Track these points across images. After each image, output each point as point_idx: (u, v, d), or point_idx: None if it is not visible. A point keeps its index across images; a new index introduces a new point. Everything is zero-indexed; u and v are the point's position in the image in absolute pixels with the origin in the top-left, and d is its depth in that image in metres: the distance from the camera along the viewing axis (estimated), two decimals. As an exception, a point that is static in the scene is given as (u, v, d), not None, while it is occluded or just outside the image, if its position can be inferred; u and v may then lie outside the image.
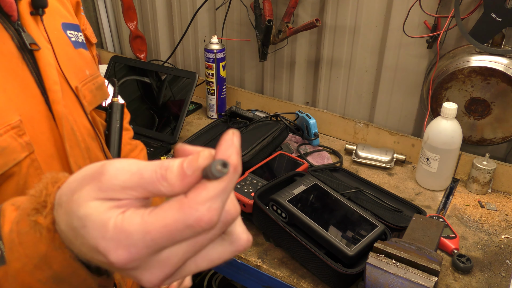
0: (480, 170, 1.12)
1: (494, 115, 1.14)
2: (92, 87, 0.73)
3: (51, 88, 0.61)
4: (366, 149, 1.28)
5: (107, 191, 0.31)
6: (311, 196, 0.96)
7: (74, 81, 0.68)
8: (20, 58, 0.59)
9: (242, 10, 1.51)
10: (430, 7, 1.17)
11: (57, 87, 0.62)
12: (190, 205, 0.29)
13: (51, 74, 0.61)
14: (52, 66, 0.62)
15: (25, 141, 0.58)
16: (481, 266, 0.92)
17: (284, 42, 1.41)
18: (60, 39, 0.68)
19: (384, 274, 0.79)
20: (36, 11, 0.63)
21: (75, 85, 0.68)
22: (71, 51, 0.70)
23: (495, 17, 1.05)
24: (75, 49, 0.71)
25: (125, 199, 0.31)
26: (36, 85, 0.61)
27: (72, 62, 0.69)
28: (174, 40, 1.77)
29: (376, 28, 1.30)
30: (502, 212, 1.09)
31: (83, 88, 0.70)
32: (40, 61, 0.61)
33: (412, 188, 1.18)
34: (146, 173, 0.30)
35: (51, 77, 0.61)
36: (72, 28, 0.73)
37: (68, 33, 0.71)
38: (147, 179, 0.30)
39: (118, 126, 0.82)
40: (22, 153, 0.57)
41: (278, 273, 0.91)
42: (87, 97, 0.71)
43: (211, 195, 0.30)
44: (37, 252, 0.36)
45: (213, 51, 1.41)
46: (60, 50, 0.67)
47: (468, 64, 1.11)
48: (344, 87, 1.44)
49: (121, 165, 0.31)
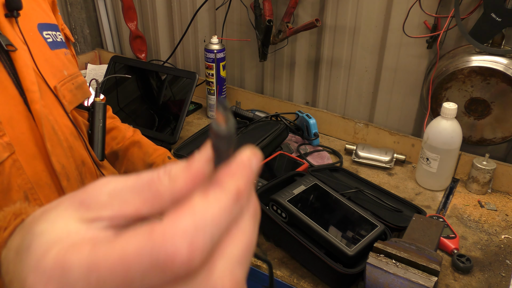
0: (480, 170, 1.12)
1: (494, 115, 1.14)
2: (71, 87, 0.74)
3: (29, 88, 0.61)
4: (366, 149, 1.28)
5: (89, 205, 0.23)
6: (311, 196, 0.96)
7: (52, 81, 0.69)
8: None
9: (242, 10, 1.51)
10: (430, 7, 1.18)
11: (35, 87, 0.62)
12: (165, 232, 0.20)
13: (28, 74, 0.62)
14: (28, 67, 0.62)
15: (5, 141, 0.58)
16: (481, 266, 0.92)
17: (284, 42, 1.41)
18: (36, 40, 0.69)
19: (384, 274, 0.79)
20: (10, 13, 0.63)
21: (54, 85, 0.68)
22: (48, 52, 0.70)
23: (495, 17, 1.05)
24: (52, 50, 0.72)
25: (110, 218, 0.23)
26: (14, 85, 0.61)
27: (49, 63, 0.69)
28: (174, 40, 1.77)
29: (376, 28, 1.30)
30: (502, 212, 1.09)
31: (62, 88, 0.70)
32: (17, 62, 0.61)
33: (412, 188, 1.18)
34: (144, 175, 0.24)
35: (28, 78, 0.62)
36: (49, 28, 0.74)
37: (44, 34, 0.72)
38: (144, 180, 0.23)
39: (101, 125, 0.82)
40: (4, 153, 0.58)
41: (278, 273, 0.91)
42: (67, 97, 0.71)
43: (200, 219, 0.21)
44: None
45: (213, 51, 1.41)
46: (36, 51, 0.67)
47: (468, 64, 1.11)
48: (344, 87, 1.44)
49: (115, 178, 0.24)
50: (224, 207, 0.22)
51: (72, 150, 0.69)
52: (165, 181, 0.23)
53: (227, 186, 0.22)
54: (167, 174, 0.23)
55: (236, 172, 0.23)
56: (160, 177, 0.23)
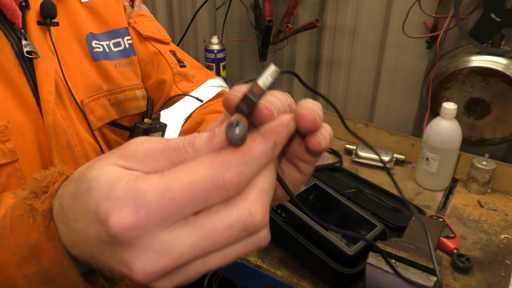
0: (479, 170, 1.12)
1: (493, 115, 1.14)
2: (105, 102, 0.69)
3: (44, 98, 0.59)
4: (366, 149, 1.28)
5: (127, 158, 0.27)
6: (311, 196, 0.96)
7: (82, 94, 0.66)
8: (18, 65, 0.58)
9: (242, 10, 1.51)
10: (429, 7, 1.18)
11: (51, 97, 0.60)
12: (223, 163, 0.26)
13: (47, 84, 0.60)
14: (50, 76, 0.60)
15: (8, 147, 0.56)
16: (480, 265, 0.92)
17: (284, 42, 1.42)
18: (73, 51, 0.66)
19: (384, 274, 0.79)
20: (43, 21, 0.62)
21: (81, 98, 0.66)
22: (85, 64, 0.67)
23: (494, 17, 1.05)
24: (93, 62, 0.68)
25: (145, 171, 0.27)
26: (32, 93, 0.59)
27: (84, 75, 0.66)
28: (174, 40, 1.77)
29: (376, 28, 1.30)
30: (501, 212, 1.09)
31: (92, 102, 0.67)
32: (38, 70, 0.60)
33: (411, 188, 1.18)
34: (173, 141, 0.28)
35: (46, 87, 0.60)
36: (105, 37, 0.70)
37: (94, 43, 0.68)
38: (172, 146, 0.27)
39: None
40: (3, 160, 0.55)
41: (278, 273, 0.91)
42: (97, 112, 0.68)
43: (248, 156, 0.27)
44: (27, 241, 0.32)
45: (213, 51, 1.41)
46: (71, 61, 0.65)
47: (467, 64, 1.11)
48: (344, 87, 1.44)
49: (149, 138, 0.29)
50: (264, 151, 0.28)
51: None
52: (190, 150, 0.27)
53: (268, 137, 0.29)
54: (191, 145, 0.27)
55: (276, 129, 0.29)
56: (185, 147, 0.27)
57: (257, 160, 0.27)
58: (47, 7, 0.61)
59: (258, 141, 0.28)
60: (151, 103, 0.73)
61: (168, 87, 0.78)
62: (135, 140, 0.28)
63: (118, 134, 0.73)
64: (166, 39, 0.81)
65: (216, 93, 0.81)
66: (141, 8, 0.80)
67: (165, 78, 0.78)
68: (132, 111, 0.74)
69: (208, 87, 0.82)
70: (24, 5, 0.60)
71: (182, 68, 0.81)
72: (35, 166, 0.59)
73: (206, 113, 0.77)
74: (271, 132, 0.29)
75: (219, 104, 0.78)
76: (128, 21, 0.76)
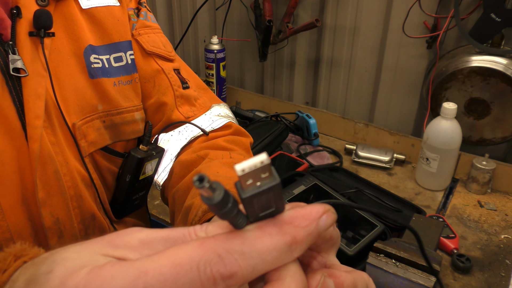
0: (479, 170, 1.12)
1: (493, 115, 1.14)
2: (99, 125, 0.61)
3: (31, 123, 0.51)
4: (366, 149, 1.28)
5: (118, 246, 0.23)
6: (311, 196, 0.96)
7: (74, 116, 0.58)
8: (2, 82, 0.50)
9: (242, 10, 1.51)
10: (429, 7, 1.18)
11: (38, 122, 0.52)
12: (216, 247, 0.22)
13: (35, 106, 0.51)
14: (39, 97, 0.52)
15: None
16: (480, 265, 0.92)
17: (284, 42, 1.42)
18: (67, 66, 0.58)
19: (384, 274, 0.79)
20: (37, 32, 0.53)
21: (73, 121, 0.58)
22: (81, 81, 0.59)
23: (494, 17, 1.05)
24: (90, 79, 0.60)
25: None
26: (17, 116, 0.51)
27: (78, 94, 0.58)
28: (174, 40, 1.77)
29: (376, 29, 1.30)
30: (501, 212, 1.09)
31: (84, 125, 0.59)
32: (25, 90, 0.51)
33: (411, 188, 1.18)
34: (180, 229, 0.24)
35: (34, 110, 0.51)
36: (105, 50, 0.62)
37: (92, 58, 0.60)
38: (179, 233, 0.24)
39: (127, 180, 0.65)
40: None
41: (278, 273, 0.91)
42: (90, 136, 0.60)
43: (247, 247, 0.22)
44: None
45: (213, 51, 1.41)
46: (65, 78, 0.57)
47: (467, 64, 1.11)
48: (344, 87, 1.44)
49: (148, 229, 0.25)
50: (274, 246, 0.23)
51: (82, 200, 0.58)
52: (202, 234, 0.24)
53: (284, 230, 0.23)
54: (203, 230, 0.24)
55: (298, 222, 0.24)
56: (196, 232, 0.24)
57: (261, 255, 0.22)
58: (41, 17, 0.53)
59: (268, 231, 0.23)
60: (149, 129, 0.66)
61: (169, 111, 0.70)
62: (132, 228, 0.25)
63: (111, 160, 0.65)
64: (170, 55, 0.74)
65: (222, 125, 0.73)
66: (147, 18, 0.72)
67: (166, 101, 0.70)
68: (128, 136, 0.66)
69: (214, 115, 0.74)
70: (15, 12, 0.52)
71: (185, 90, 0.73)
72: (17, 200, 0.52)
73: (209, 147, 0.68)
74: (290, 224, 0.24)
75: (225, 139, 0.71)
76: (132, 32, 0.68)
